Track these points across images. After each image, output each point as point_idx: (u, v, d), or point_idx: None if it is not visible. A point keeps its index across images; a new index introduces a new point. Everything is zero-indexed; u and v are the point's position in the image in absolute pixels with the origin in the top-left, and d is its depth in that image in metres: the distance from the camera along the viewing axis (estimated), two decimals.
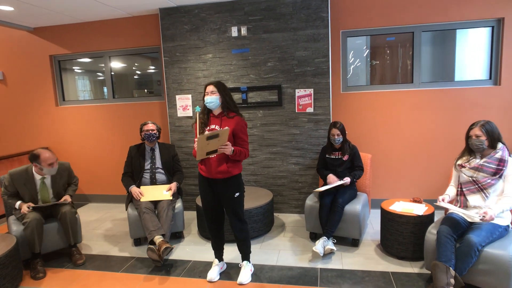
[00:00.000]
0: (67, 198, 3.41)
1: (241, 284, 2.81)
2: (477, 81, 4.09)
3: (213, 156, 2.64)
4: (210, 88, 2.66)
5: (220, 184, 2.73)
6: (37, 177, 3.32)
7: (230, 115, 2.68)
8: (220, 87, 2.67)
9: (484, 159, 2.62)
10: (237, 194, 2.75)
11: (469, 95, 4.04)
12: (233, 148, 2.59)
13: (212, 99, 2.65)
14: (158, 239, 3.15)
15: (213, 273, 2.92)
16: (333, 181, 3.42)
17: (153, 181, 3.72)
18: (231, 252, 3.35)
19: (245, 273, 2.87)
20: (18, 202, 3.25)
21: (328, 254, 3.24)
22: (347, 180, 3.38)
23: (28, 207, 3.18)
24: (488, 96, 4.01)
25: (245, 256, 2.94)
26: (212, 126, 2.71)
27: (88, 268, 3.22)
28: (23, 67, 5.20)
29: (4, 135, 5.44)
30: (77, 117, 5.15)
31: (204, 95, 2.69)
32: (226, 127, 2.52)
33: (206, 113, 2.76)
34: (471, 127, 2.66)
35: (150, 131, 3.67)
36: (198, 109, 2.66)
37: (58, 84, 5.21)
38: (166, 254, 3.06)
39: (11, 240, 2.98)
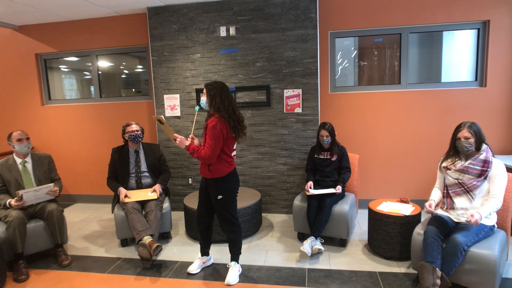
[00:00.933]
0: (56, 189, 3.32)
1: (228, 285, 2.80)
2: (463, 83, 4.15)
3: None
4: (204, 89, 2.74)
5: (207, 183, 2.80)
6: (18, 160, 3.38)
7: (210, 115, 2.74)
8: (209, 89, 2.70)
9: (469, 161, 2.63)
10: (219, 196, 2.75)
11: (456, 97, 4.10)
12: (186, 144, 2.67)
13: (203, 101, 2.76)
14: (147, 239, 3.11)
15: (194, 266, 3.02)
16: (307, 189, 3.44)
17: (139, 186, 3.66)
18: (219, 252, 3.34)
19: (233, 274, 2.86)
20: (8, 200, 3.17)
21: (315, 254, 3.25)
22: (339, 189, 3.38)
23: (16, 198, 3.09)
24: (474, 98, 4.07)
25: (234, 256, 2.94)
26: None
27: (74, 269, 3.17)
28: (8, 65, 5.10)
29: None
30: (64, 116, 5.07)
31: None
32: (161, 115, 2.63)
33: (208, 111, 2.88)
34: (458, 129, 2.66)
35: (136, 132, 3.59)
36: (197, 108, 2.80)
37: (44, 83, 5.13)
38: (157, 253, 3.06)
39: None
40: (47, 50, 4.96)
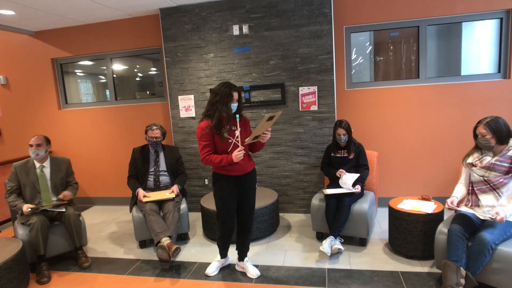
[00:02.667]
0: (65, 193, 3.36)
1: (258, 276, 2.90)
2: (486, 75, 4.00)
3: (255, 140, 2.70)
4: (237, 96, 2.67)
5: (248, 177, 2.81)
6: (37, 165, 3.41)
7: (241, 117, 2.74)
8: (240, 94, 2.75)
9: (496, 158, 2.52)
10: (257, 183, 2.89)
11: (478, 90, 3.96)
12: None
13: (236, 107, 2.70)
14: (165, 240, 3.13)
15: (212, 268, 3.03)
16: (342, 174, 3.38)
17: (157, 184, 3.70)
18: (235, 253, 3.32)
19: (253, 267, 2.97)
20: (24, 206, 3.22)
21: (335, 254, 3.19)
22: (358, 189, 3.31)
23: (28, 208, 3.15)
24: (497, 90, 3.92)
25: (247, 251, 3.01)
26: (231, 127, 2.73)
27: (94, 271, 3.21)
28: (26, 71, 5.20)
29: (8, 139, 5.45)
30: (80, 119, 5.14)
31: (228, 99, 2.61)
32: (280, 111, 2.63)
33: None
34: (476, 125, 2.59)
35: (155, 139, 3.64)
36: (238, 117, 2.66)
37: (61, 87, 5.21)
38: (176, 254, 3.07)
39: (17, 244, 3.00)
40: (63, 54, 5.03)
